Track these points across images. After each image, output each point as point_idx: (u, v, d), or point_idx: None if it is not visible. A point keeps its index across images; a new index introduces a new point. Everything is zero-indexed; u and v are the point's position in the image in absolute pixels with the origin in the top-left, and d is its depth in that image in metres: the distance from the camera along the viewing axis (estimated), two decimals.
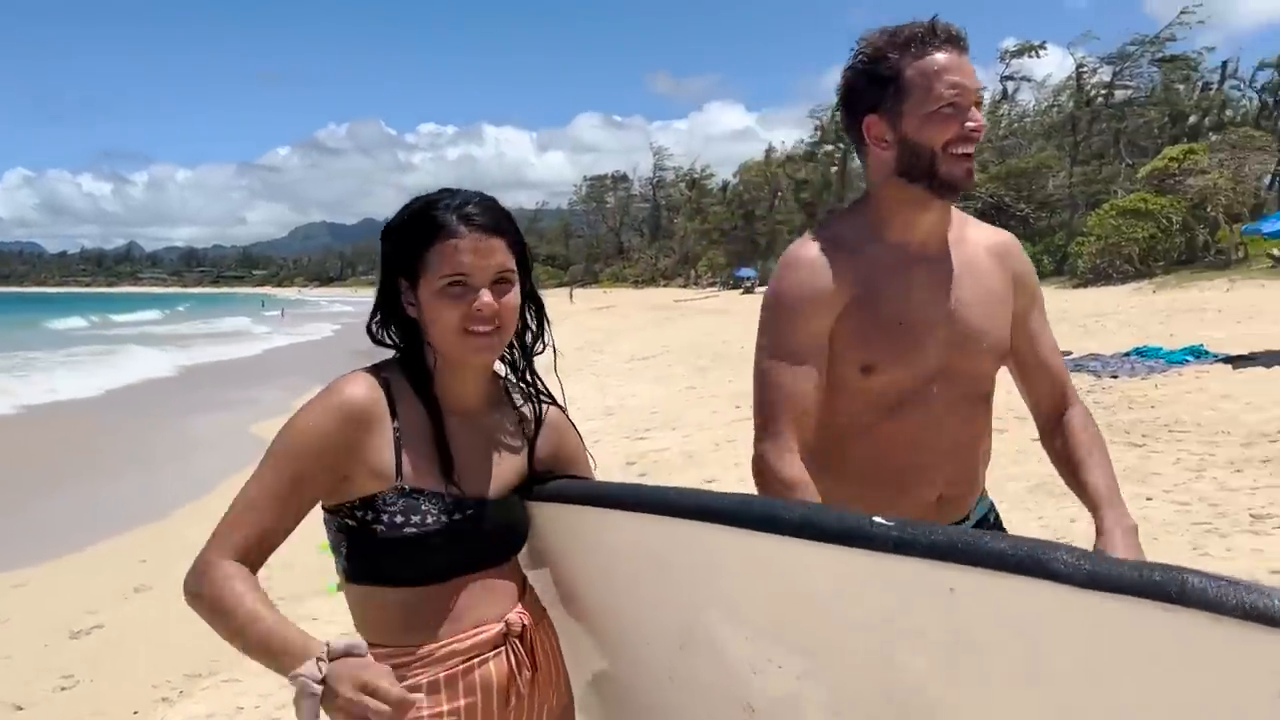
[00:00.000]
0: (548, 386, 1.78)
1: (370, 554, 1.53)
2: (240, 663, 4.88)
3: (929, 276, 1.86)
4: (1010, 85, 57.51)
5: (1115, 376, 10.89)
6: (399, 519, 1.51)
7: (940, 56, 1.76)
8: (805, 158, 72.24)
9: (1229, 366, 10.80)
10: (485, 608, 1.61)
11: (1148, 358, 11.86)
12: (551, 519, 1.71)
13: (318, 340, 38.81)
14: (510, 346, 1.69)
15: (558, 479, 1.72)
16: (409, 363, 1.61)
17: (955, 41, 1.78)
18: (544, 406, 1.77)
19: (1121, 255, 31.43)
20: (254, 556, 1.49)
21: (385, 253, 1.61)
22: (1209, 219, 31.05)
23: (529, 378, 1.74)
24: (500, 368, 1.73)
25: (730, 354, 19.66)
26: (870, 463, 1.88)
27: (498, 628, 1.61)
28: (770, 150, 79.77)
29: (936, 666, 1.22)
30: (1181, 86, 51.66)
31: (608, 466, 8.71)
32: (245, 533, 1.48)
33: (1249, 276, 24.85)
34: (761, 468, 1.82)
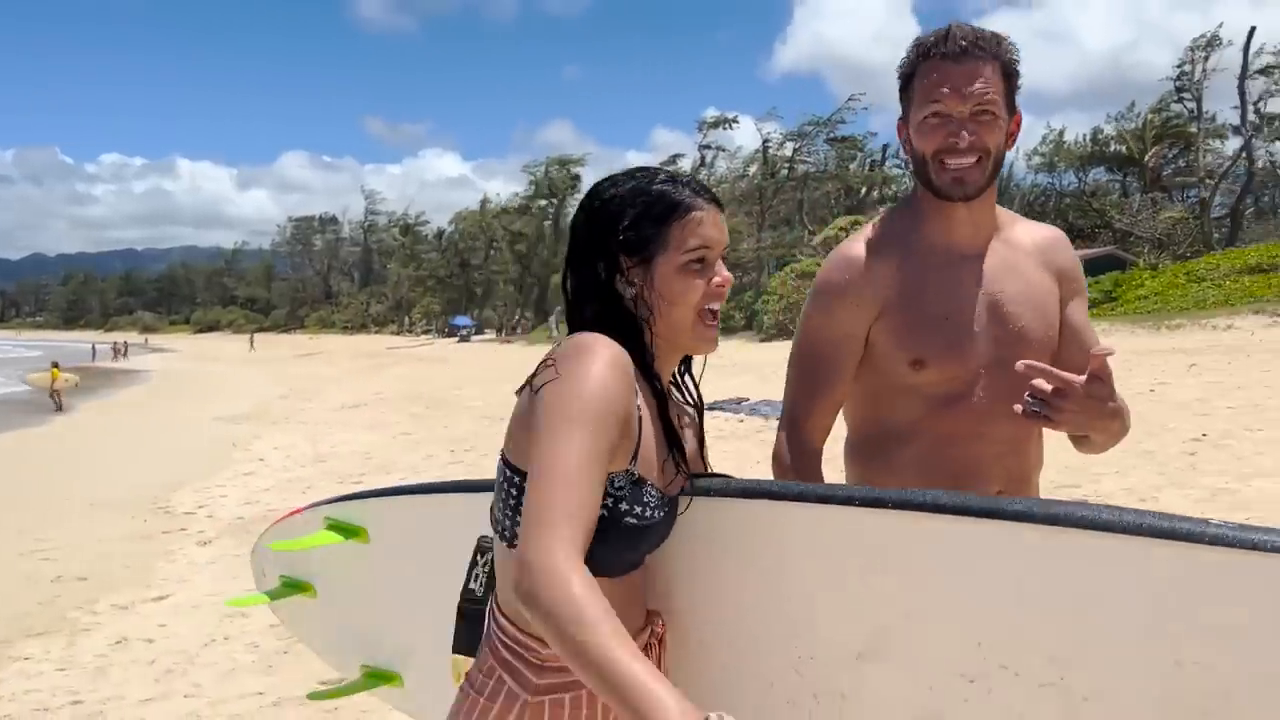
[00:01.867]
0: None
1: None
2: None
3: (974, 273, 1.85)
4: (708, 154, 61.97)
5: (777, 417, 12.40)
6: (622, 505, 1.38)
7: (940, 65, 1.75)
8: (520, 211, 73.23)
9: None
10: (638, 607, 1.52)
11: None
12: (703, 516, 1.54)
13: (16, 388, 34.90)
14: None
15: (713, 475, 1.60)
16: (630, 340, 1.44)
17: (962, 52, 1.74)
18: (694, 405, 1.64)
19: (800, 313, 34.83)
20: (583, 548, 1.27)
21: (601, 228, 1.47)
22: None
23: (687, 376, 1.63)
24: None
25: (447, 400, 20.02)
26: (927, 458, 1.85)
27: (646, 631, 1.52)
28: (485, 201, 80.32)
29: (1268, 674, 1.14)
30: (852, 165, 58.17)
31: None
32: (576, 521, 1.27)
33: None
34: (776, 449, 1.90)
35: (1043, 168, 53.14)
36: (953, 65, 1.74)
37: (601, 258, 1.47)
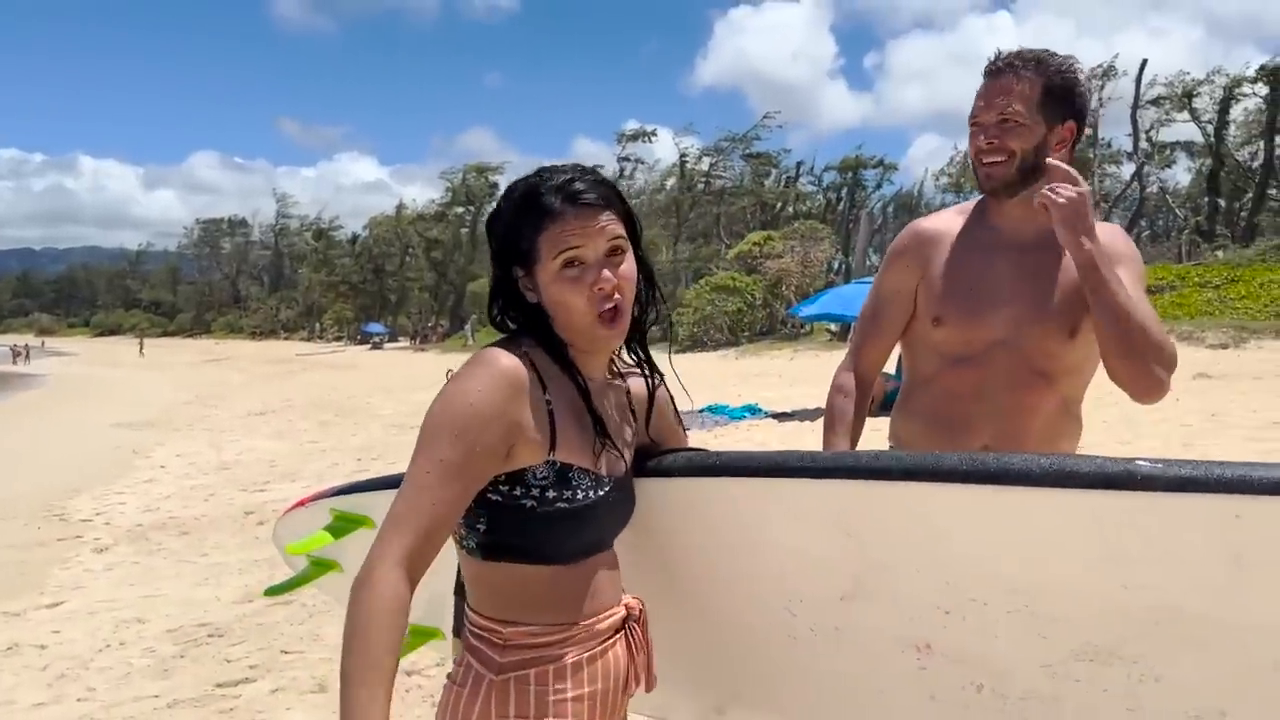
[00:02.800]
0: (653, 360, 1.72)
1: (518, 529, 1.47)
2: None
3: (1010, 259, 2.11)
4: (627, 166, 62.26)
5: (688, 430, 12.74)
6: (550, 493, 1.46)
7: (983, 82, 2.09)
8: (436, 217, 72.46)
9: (775, 421, 13.13)
10: (610, 589, 1.57)
11: (716, 414, 13.95)
12: (665, 493, 1.68)
13: None
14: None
15: (674, 452, 1.71)
16: (544, 340, 1.52)
17: (998, 71, 2.06)
18: (655, 381, 1.71)
19: (715, 326, 35.41)
20: (422, 554, 1.38)
21: (496, 243, 1.54)
22: (784, 297, 35.88)
23: (640, 352, 1.68)
24: None
25: (357, 408, 19.85)
26: (931, 407, 2.18)
27: (620, 612, 1.59)
28: (402, 206, 79.12)
29: (1204, 588, 1.30)
30: (767, 181, 59.15)
31: (219, 519, 8.96)
32: (416, 526, 1.37)
33: (810, 348, 29.09)
34: (835, 379, 2.29)
35: (950, 187, 54.82)
36: (991, 81, 2.08)
37: (499, 264, 1.53)
